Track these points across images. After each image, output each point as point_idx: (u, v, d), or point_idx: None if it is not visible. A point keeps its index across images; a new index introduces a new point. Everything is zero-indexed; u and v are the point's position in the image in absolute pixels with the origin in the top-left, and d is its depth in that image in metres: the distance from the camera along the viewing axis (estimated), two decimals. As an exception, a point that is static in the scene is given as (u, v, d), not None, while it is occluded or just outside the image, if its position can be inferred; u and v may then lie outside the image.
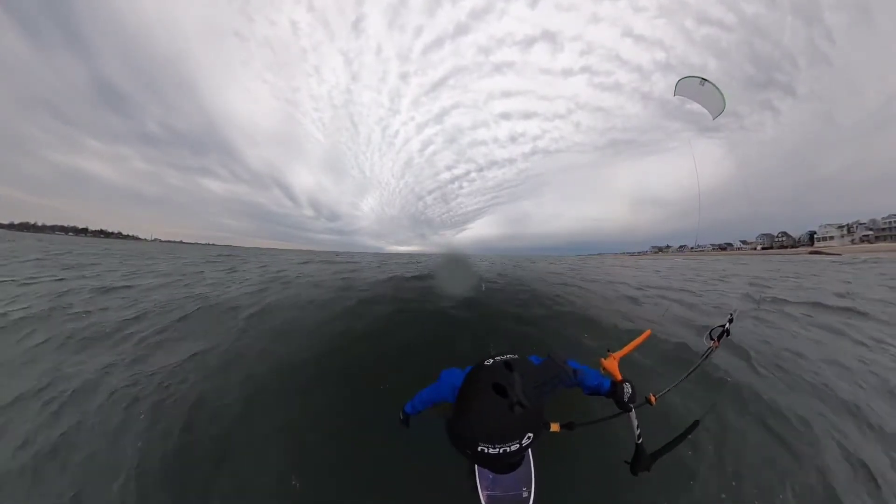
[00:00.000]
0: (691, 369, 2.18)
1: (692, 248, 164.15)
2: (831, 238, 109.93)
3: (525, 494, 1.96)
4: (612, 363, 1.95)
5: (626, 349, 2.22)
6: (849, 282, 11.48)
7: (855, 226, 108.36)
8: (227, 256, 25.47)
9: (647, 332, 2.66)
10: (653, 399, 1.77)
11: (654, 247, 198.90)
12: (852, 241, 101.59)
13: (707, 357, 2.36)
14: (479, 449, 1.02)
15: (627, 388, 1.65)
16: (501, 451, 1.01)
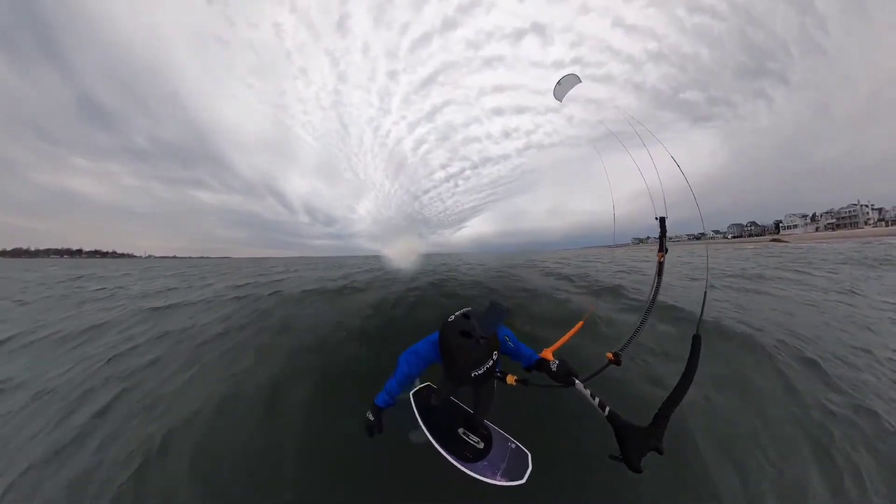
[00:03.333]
0: (651, 296, 2.13)
1: (670, 238, 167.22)
2: (795, 227, 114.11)
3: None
4: (545, 355, 1.95)
5: (558, 343, 2.20)
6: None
7: (821, 215, 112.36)
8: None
9: (580, 323, 2.58)
10: (611, 357, 1.76)
11: (635, 238, 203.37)
12: (816, 229, 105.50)
13: (660, 274, 2.21)
14: (473, 375, 1.56)
15: (554, 361, 1.78)
16: (485, 369, 1.58)
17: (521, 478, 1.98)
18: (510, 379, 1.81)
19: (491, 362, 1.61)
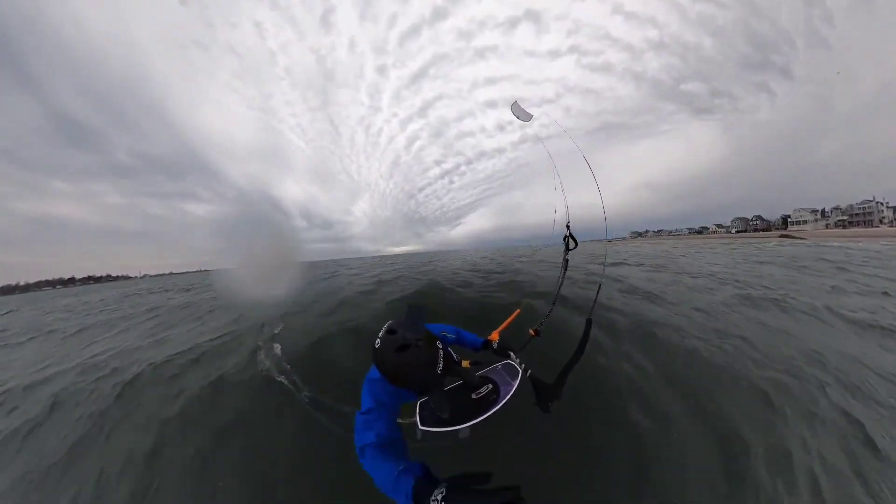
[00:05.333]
0: (558, 286, 2.70)
1: (670, 232, 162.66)
2: (804, 222, 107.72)
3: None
4: (493, 336, 2.37)
5: (501, 326, 2.55)
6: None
7: (831, 210, 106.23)
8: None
9: (517, 311, 2.89)
10: (533, 332, 2.35)
11: (632, 232, 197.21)
12: (826, 226, 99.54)
13: (566, 268, 2.66)
14: (438, 373, 1.44)
15: (495, 340, 2.22)
16: (441, 363, 1.46)
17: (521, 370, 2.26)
18: (465, 363, 1.97)
19: (441, 352, 1.50)
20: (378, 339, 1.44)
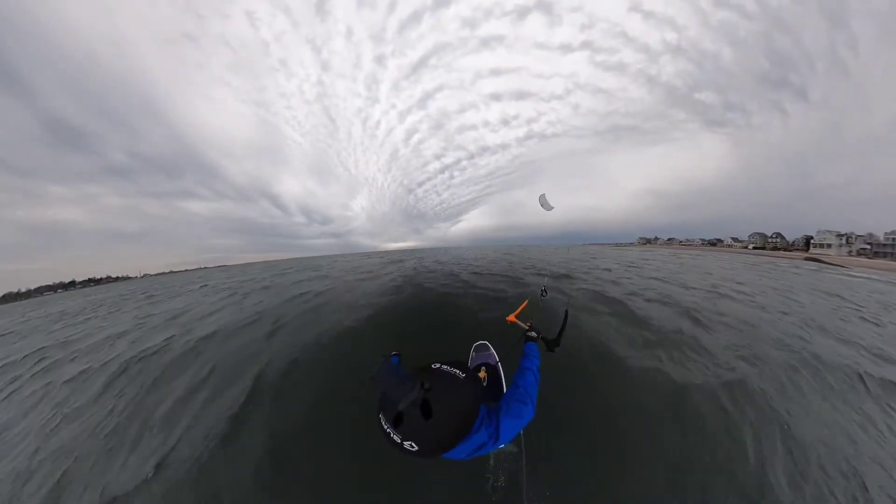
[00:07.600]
0: (538, 304, 3.71)
1: (681, 241, 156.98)
2: (829, 245, 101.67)
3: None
4: (512, 318, 3.01)
5: (516, 311, 3.16)
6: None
7: (854, 237, 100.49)
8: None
9: (525, 301, 3.68)
10: (528, 325, 2.77)
11: (641, 238, 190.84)
12: (849, 253, 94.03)
13: (542, 295, 3.92)
14: (464, 376, 1.39)
15: (532, 334, 2.53)
16: (457, 369, 1.43)
17: None
18: (482, 374, 2.65)
19: (442, 366, 1.43)
20: (404, 444, 1.15)
